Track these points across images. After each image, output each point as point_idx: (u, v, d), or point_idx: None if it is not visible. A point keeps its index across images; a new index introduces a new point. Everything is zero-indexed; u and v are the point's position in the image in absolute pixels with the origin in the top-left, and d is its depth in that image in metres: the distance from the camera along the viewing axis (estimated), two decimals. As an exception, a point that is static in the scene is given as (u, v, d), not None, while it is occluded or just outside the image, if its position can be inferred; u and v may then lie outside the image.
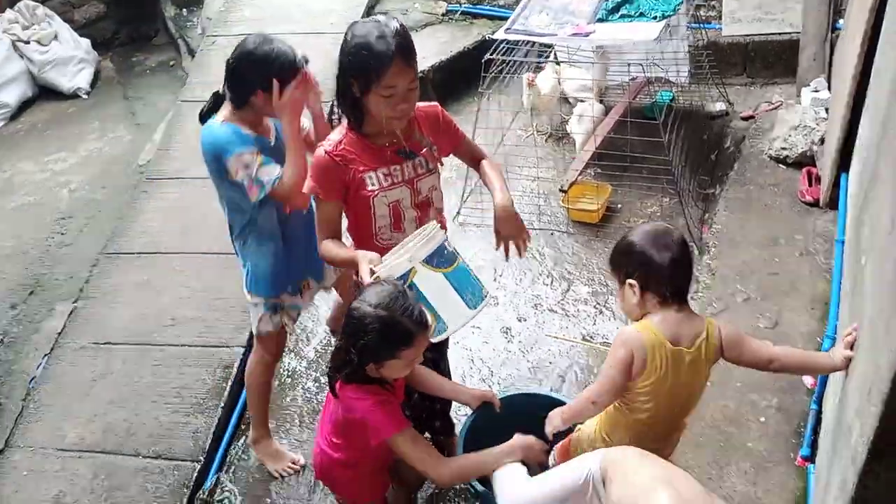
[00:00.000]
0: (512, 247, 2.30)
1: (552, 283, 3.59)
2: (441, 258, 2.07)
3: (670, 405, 1.98)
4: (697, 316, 1.97)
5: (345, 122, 2.22)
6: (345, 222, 2.37)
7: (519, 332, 3.41)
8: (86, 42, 6.11)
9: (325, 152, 2.18)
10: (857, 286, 2.18)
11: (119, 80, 6.10)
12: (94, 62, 6.09)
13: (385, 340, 1.91)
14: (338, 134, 2.21)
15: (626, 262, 1.95)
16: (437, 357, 2.59)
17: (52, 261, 4.24)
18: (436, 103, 2.36)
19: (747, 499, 2.50)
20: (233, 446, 3.11)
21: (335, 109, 2.24)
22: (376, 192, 2.20)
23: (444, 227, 2.41)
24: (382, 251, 2.24)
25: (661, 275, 1.89)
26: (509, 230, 2.30)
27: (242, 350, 3.35)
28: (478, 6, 5.35)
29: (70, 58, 5.89)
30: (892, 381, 1.43)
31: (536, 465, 2.07)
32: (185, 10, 6.29)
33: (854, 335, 1.90)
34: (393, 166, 2.21)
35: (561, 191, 3.94)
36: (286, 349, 3.47)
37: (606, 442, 2.07)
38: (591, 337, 3.29)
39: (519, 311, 3.49)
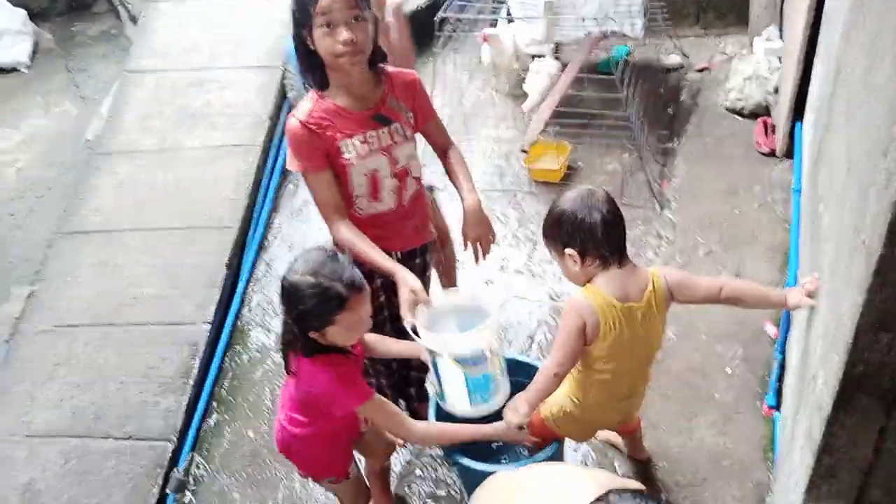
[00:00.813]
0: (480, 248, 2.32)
1: (518, 244, 3.60)
2: (471, 360, 2.03)
3: (631, 360, 2.01)
4: (641, 269, 1.99)
5: (313, 91, 2.13)
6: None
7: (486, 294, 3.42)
8: (21, 13, 5.82)
9: (299, 122, 2.08)
10: (816, 234, 2.23)
11: (59, 51, 5.85)
12: (31, 34, 5.82)
13: (319, 307, 1.86)
14: (308, 102, 2.11)
15: (559, 233, 1.94)
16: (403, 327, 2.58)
17: (4, 244, 4.10)
18: (413, 71, 2.28)
19: (717, 449, 2.58)
20: (205, 423, 3.08)
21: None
22: (353, 161, 2.11)
23: (424, 199, 2.38)
24: (360, 222, 2.21)
25: (596, 237, 1.89)
26: (478, 231, 2.29)
27: (208, 326, 3.30)
28: (429, -37, 5.22)
29: (5, 30, 5.62)
30: (854, 330, 1.46)
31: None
32: (124, -25, 6.03)
33: (814, 284, 1.94)
34: (369, 132, 2.11)
35: (522, 151, 3.93)
36: (254, 323, 3.45)
37: (575, 404, 2.11)
38: (557, 296, 3.31)
39: (485, 274, 3.50)
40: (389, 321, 2.42)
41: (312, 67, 2.06)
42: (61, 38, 5.99)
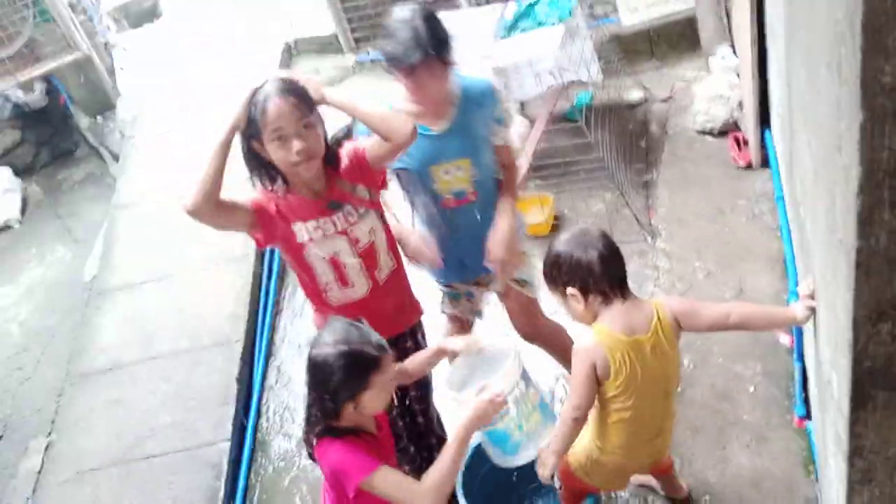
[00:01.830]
0: None
1: (519, 302, 3.57)
2: None
3: (650, 395, 1.98)
4: (644, 301, 1.99)
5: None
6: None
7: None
8: (6, 171, 6.00)
9: (261, 192, 2.16)
10: (803, 238, 2.23)
11: (48, 201, 5.99)
12: (19, 189, 5.99)
13: (354, 372, 1.88)
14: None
15: (559, 274, 1.96)
16: (423, 407, 2.59)
17: (15, 399, 4.10)
18: (356, 144, 2.27)
19: (756, 472, 2.50)
20: (240, 544, 3.02)
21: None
22: (306, 244, 2.17)
23: (403, 276, 2.39)
24: (334, 310, 2.22)
25: (595, 274, 1.91)
26: None
27: (227, 444, 3.27)
28: (385, 51, 5.39)
29: (-7, 191, 5.79)
30: (852, 326, 1.44)
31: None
32: (98, 117, 6.24)
33: (809, 287, 1.93)
34: (322, 219, 2.16)
35: (507, 210, 3.95)
36: (273, 432, 3.41)
37: (599, 449, 2.07)
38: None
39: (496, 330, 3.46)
40: None
41: (262, 169, 2.13)
42: (48, 188, 6.14)
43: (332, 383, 1.88)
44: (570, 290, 1.94)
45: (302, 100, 2.03)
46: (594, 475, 2.15)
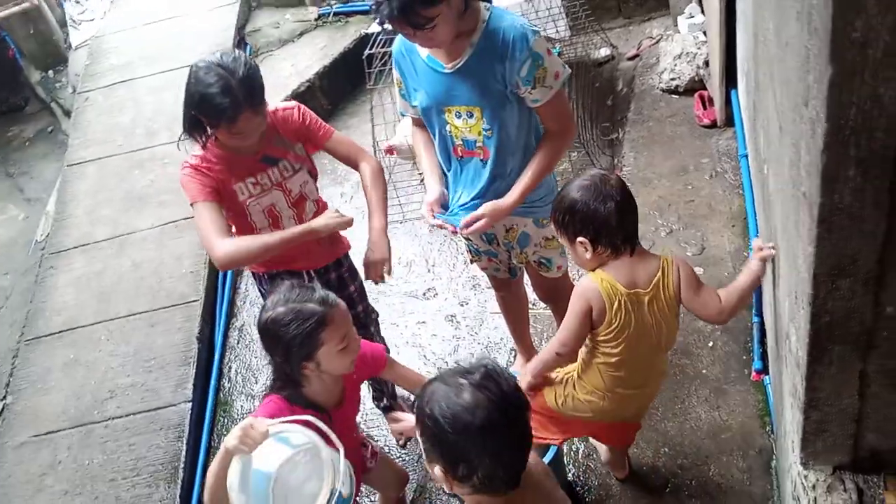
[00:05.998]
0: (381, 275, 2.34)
1: (483, 260, 3.57)
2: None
3: (639, 347, 1.97)
4: (653, 255, 1.96)
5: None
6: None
7: (464, 316, 3.39)
8: (-48, 127, 5.79)
9: (189, 166, 2.22)
10: (765, 195, 2.24)
11: (-2, 158, 5.80)
12: (-34, 146, 5.78)
13: (301, 330, 1.82)
14: (198, 149, 2.24)
15: (571, 220, 1.90)
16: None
17: (-31, 362, 4.01)
18: (295, 103, 2.37)
19: (713, 424, 2.55)
20: (203, 504, 3.00)
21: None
22: (247, 201, 2.27)
23: (322, 211, 2.35)
24: None
25: (610, 226, 1.86)
26: (380, 254, 2.31)
27: (189, 405, 3.23)
28: (349, 4, 5.27)
29: (-62, 148, 5.57)
30: (812, 281, 1.46)
31: None
32: (50, 71, 6.01)
33: (766, 250, 1.93)
34: (259, 174, 2.27)
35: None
36: (235, 392, 3.38)
37: (582, 386, 2.08)
38: (533, 304, 3.28)
39: (459, 296, 3.47)
40: None
41: (202, 135, 2.19)
42: (-2, 146, 5.94)
43: (284, 346, 1.84)
44: (580, 238, 1.90)
45: (262, 99, 2.12)
46: (565, 407, 2.13)
